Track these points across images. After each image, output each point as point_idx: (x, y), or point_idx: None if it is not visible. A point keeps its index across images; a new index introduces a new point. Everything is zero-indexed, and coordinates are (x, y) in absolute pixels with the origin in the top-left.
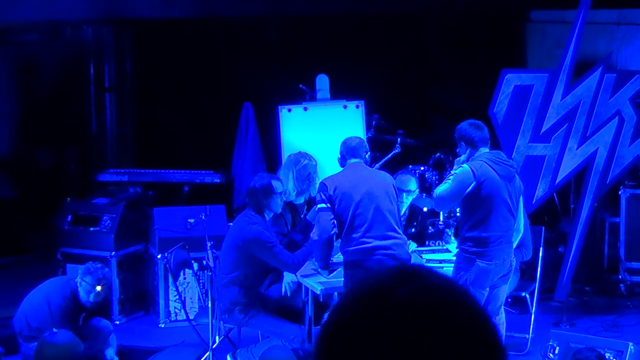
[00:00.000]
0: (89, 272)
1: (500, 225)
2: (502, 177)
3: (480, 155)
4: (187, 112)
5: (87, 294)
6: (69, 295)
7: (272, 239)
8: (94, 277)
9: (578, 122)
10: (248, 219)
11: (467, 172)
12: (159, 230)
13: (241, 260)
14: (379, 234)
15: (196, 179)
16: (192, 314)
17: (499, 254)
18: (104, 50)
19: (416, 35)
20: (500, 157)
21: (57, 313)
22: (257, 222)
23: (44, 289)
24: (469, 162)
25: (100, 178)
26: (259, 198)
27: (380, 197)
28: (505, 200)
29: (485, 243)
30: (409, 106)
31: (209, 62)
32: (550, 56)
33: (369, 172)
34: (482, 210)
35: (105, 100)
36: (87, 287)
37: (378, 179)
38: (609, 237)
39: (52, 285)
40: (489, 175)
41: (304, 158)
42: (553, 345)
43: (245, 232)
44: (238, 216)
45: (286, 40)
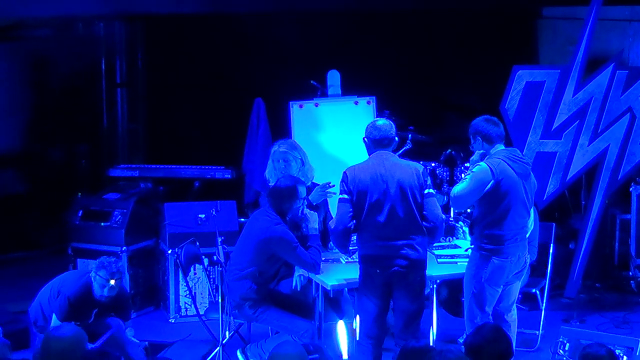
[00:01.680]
0: (102, 266)
1: (516, 223)
2: (519, 174)
3: (497, 152)
4: (198, 108)
5: (101, 288)
6: (83, 288)
7: (295, 239)
8: (107, 270)
9: (589, 119)
10: (270, 218)
11: (485, 171)
12: (170, 226)
13: (260, 257)
14: (392, 234)
15: (207, 174)
16: (202, 309)
17: (515, 251)
18: (115, 46)
19: (427, 31)
20: (516, 154)
21: (69, 304)
22: (281, 223)
23: (59, 281)
24: (486, 159)
25: (111, 173)
26: (282, 199)
27: (397, 196)
28: (522, 198)
29: (501, 240)
30: (420, 102)
31: (220, 57)
32: (562, 52)
33: (393, 165)
34: (500, 209)
35: (116, 96)
36: (101, 281)
37: (401, 175)
38: (619, 233)
39: (68, 277)
40: (507, 174)
41: (277, 144)
42: (563, 342)
43: (270, 231)
44: (257, 213)
45: (297, 36)
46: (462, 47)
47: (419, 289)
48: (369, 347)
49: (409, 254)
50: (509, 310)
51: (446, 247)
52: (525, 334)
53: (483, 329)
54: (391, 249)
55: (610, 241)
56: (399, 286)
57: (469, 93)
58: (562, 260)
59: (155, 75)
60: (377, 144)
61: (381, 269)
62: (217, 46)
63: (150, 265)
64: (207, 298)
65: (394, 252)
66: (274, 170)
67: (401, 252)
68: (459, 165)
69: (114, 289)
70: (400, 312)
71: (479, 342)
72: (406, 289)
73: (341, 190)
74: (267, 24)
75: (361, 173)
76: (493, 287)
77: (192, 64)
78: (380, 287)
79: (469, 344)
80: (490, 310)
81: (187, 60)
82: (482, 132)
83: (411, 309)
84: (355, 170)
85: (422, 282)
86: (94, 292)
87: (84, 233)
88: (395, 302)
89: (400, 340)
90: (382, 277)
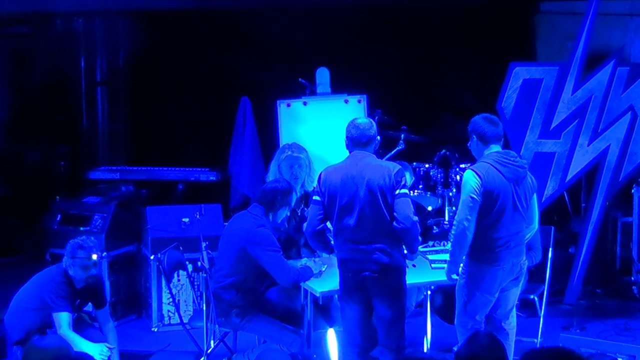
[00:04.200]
0: (78, 246)
1: (508, 229)
2: (509, 179)
3: (487, 156)
4: (182, 107)
5: (84, 270)
6: (61, 279)
7: (278, 245)
8: (86, 249)
9: (589, 118)
10: (255, 220)
11: (471, 177)
12: (152, 230)
13: (243, 263)
14: (363, 238)
15: (191, 176)
16: (186, 317)
17: (508, 258)
18: (95, 43)
19: (421, 27)
20: (508, 157)
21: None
22: (265, 225)
23: (33, 283)
24: (474, 165)
25: (91, 176)
26: (276, 200)
27: (367, 198)
28: (513, 203)
29: (493, 247)
30: (413, 101)
31: (204, 55)
32: (561, 49)
33: (365, 166)
34: (491, 216)
35: (97, 95)
36: (82, 263)
37: (370, 176)
38: (621, 237)
39: (41, 277)
40: (496, 179)
41: (289, 149)
42: None
43: (252, 235)
44: (240, 215)
45: (285, 32)
46: (456, 43)
47: (395, 294)
48: (354, 355)
49: (380, 259)
50: (507, 318)
51: (440, 251)
52: (524, 342)
53: (476, 338)
54: (362, 252)
55: (612, 245)
56: (374, 292)
57: (464, 91)
58: (562, 265)
59: (137, 73)
60: (355, 143)
61: (353, 273)
62: (202, 43)
63: (131, 271)
64: (191, 306)
65: (366, 256)
66: (290, 175)
67: (372, 257)
68: (454, 166)
69: (97, 265)
70: (379, 318)
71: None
72: (382, 295)
73: (315, 192)
74: (253, 19)
75: (333, 175)
76: (485, 295)
77: (176, 62)
78: (355, 292)
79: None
80: (481, 318)
81: (170, 58)
82: (477, 131)
83: (388, 315)
84: (328, 172)
85: (399, 288)
86: (75, 280)
87: (62, 238)
88: (374, 309)
89: (384, 348)
90: (354, 282)
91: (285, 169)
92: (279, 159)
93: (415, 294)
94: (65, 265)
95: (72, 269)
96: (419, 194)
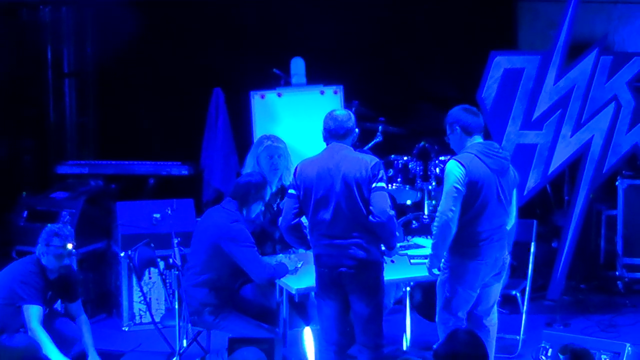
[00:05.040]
0: (54, 233)
1: (491, 222)
2: (494, 170)
3: (471, 146)
4: (152, 99)
5: (58, 259)
6: (33, 269)
7: (252, 240)
8: (61, 237)
9: (572, 108)
10: (228, 215)
11: (455, 167)
12: (123, 227)
13: (217, 259)
14: (339, 232)
15: (162, 170)
16: (158, 316)
17: (490, 252)
18: (62, 33)
19: (399, 15)
20: (492, 148)
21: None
22: (239, 220)
23: (3, 273)
24: (458, 155)
25: (59, 170)
26: (250, 194)
27: (342, 192)
28: (497, 196)
29: (476, 241)
30: (391, 92)
31: (176, 44)
32: (543, 37)
33: (342, 159)
34: (474, 208)
35: (64, 87)
36: (56, 251)
37: (346, 169)
38: (605, 230)
39: (12, 267)
40: (481, 171)
41: (267, 139)
42: (546, 347)
43: (226, 230)
44: (213, 210)
45: (259, 21)
46: (436, 31)
47: (372, 291)
48: (331, 353)
49: (356, 254)
50: (488, 314)
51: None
52: (506, 339)
53: (455, 335)
54: (338, 248)
55: (596, 239)
56: (350, 288)
57: (444, 81)
58: (544, 259)
59: (105, 64)
60: (332, 135)
61: (328, 269)
62: (173, 33)
63: (101, 269)
64: (163, 304)
65: (341, 252)
66: (269, 166)
67: (349, 252)
68: (433, 158)
69: (71, 255)
70: (355, 316)
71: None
72: (358, 291)
73: (289, 185)
74: (225, 8)
75: (308, 167)
76: (467, 291)
77: (146, 52)
78: (331, 288)
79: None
80: (463, 315)
81: (140, 48)
82: (461, 122)
83: (365, 312)
84: (304, 165)
85: (376, 284)
86: (48, 270)
87: (29, 235)
88: (350, 305)
89: (361, 347)
90: (330, 278)
91: (264, 160)
92: (257, 151)
93: (393, 290)
94: (39, 253)
95: (45, 257)
96: (398, 187)
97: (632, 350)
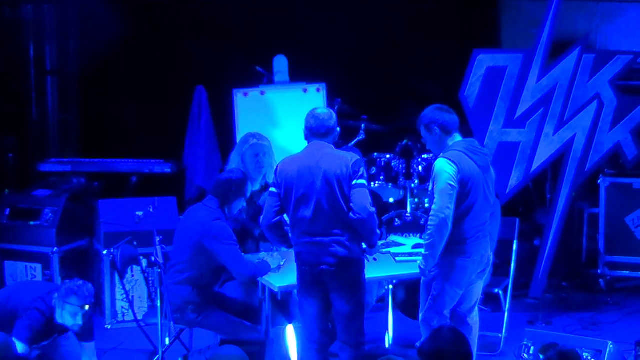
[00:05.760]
0: (73, 292)
1: (477, 220)
2: (481, 167)
3: (455, 144)
4: (135, 97)
5: (72, 317)
6: (44, 311)
7: (235, 238)
8: (80, 297)
9: (555, 106)
10: (210, 213)
11: (446, 165)
12: (105, 224)
13: (200, 257)
14: (320, 230)
15: (145, 168)
16: (141, 314)
17: (477, 249)
18: (45, 31)
19: (382, 13)
20: (475, 145)
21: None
22: (221, 217)
23: (16, 293)
24: (445, 153)
25: (41, 168)
26: (231, 191)
27: (324, 189)
28: (484, 193)
29: (464, 239)
30: (374, 90)
31: (159, 42)
32: (525, 35)
33: (323, 157)
34: (464, 206)
35: (46, 84)
36: (72, 310)
37: (327, 166)
38: (587, 229)
39: (25, 295)
40: (471, 168)
41: (252, 137)
42: (528, 345)
43: (207, 228)
44: (195, 207)
45: (242, 18)
46: (419, 29)
47: (353, 289)
48: (313, 351)
49: (337, 252)
50: (471, 312)
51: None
52: (488, 337)
53: (440, 332)
54: (319, 245)
55: (578, 237)
56: (332, 286)
57: (427, 79)
58: (527, 257)
59: (88, 62)
60: (313, 133)
61: (309, 266)
62: (155, 31)
63: (84, 267)
64: (146, 302)
65: (322, 250)
66: (254, 164)
67: (330, 250)
68: (416, 156)
69: (87, 315)
70: (337, 313)
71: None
72: (339, 289)
73: (271, 183)
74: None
75: (289, 165)
76: (454, 289)
77: (128, 50)
78: (312, 286)
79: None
80: (448, 313)
81: (122, 46)
82: (439, 122)
83: (346, 310)
84: (285, 163)
85: (357, 282)
86: (57, 319)
87: (11, 233)
88: (332, 303)
89: (343, 344)
90: (311, 275)
91: (249, 158)
92: (242, 149)
93: (376, 288)
94: (54, 304)
95: (60, 313)
96: (380, 185)
97: (614, 348)
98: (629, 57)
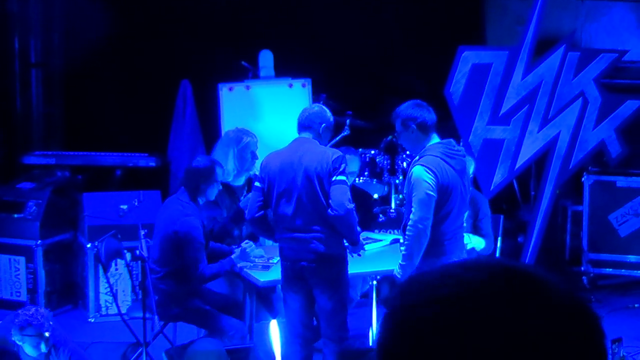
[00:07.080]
0: (27, 323)
1: (455, 221)
2: (458, 171)
3: (432, 148)
4: (119, 90)
5: (36, 347)
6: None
7: (202, 239)
8: (35, 326)
9: (539, 104)
10: (182, 208)
11: (423, 173)
12: (89, 218)
13: (173, 251)
14: (301, 226)
15: (129, 162)
16: (125, 307)
17: (455, 249)
18: (30, 23)
19: (367, 9)
20: (452, 148)
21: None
22: (193, 214)
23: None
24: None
25: (25, 161)
26: (198, 181)
27: (304, 185)
28: (462, 196)
29: (442, 241)
30: (359, 85)
31: (144, 36)
32: (511, 32)
33: (305, 152)
34: (443, 211)
35: (31, 77)
36: (32, 341)
37: (308, 162)
38: (571, 226)
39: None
40: (449, 174)
41: (246, 135)
42: None
43: (179, 224)
44: (169, 201)
45: (227, 13)
46: (404, 26)
47: (335, 285)
48: (297, 346)
49: (317, 248)
50: None
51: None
52: None
53: None
54: (300, 242)
55: (561, 234)
56: (313, 282)
57: (412, 76)
58: (510, 254)
59: (73, 55)
60: (298, 126)
61: (291, 262)
62: (141, 24)
63: (67, 260)
64: (130, 296)
65: (303, 246)
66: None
67: (310, 246)
68: (401, 153)
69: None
70: (320, 309)
71: None
72: (321, 285)
73: (257, 177)
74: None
75: (272, 161)
76: None
77: (114, 43)
78: (295, 281)
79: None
80: None
81: (107, 40)
82: (417, 120)
83: (329, 306)
84: (269, 158)
85: (338, 278)
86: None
87: None
88: (315, 299)
89: (326, 339)
90: (293, 271)
91: (247, 156)
92: (236, 147)
93: (360, 283)
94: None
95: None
96: (365, 181)
97: None
98: (613, 55)
